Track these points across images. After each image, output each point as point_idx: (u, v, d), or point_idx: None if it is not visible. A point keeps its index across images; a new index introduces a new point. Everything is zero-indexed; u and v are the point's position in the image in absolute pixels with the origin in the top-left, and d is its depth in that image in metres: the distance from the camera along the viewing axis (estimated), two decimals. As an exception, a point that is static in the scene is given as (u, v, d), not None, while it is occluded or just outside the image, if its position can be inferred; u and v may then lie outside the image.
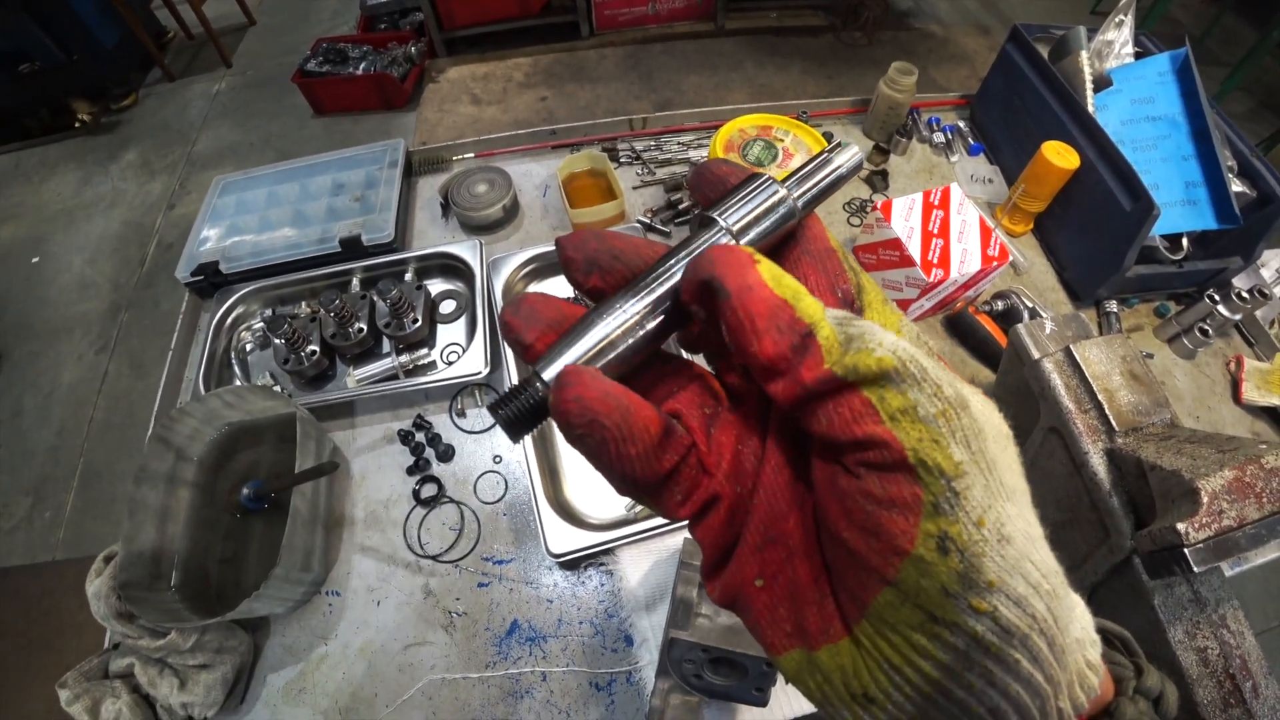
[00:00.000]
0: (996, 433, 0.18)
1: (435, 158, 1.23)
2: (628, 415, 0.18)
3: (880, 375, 0.16)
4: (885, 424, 0.16)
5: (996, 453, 0.17)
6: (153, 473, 0.83)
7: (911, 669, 0.16)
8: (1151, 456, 0.67)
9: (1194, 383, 1.02)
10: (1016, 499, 0.17)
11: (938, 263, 0.96)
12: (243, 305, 1.05)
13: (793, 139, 1.05)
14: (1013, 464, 0.18)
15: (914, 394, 0.16)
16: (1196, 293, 1.09)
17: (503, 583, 0.83)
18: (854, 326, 0.18)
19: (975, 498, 0.16)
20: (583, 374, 0.18)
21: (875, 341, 0.17)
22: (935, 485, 0.16)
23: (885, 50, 3.23)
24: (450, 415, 0.96)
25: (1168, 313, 1.09)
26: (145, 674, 0.74)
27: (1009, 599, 0.15)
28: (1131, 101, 1.13)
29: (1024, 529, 0.16)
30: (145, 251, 2.54)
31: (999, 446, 0.17)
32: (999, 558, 0.15)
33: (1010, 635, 0.15)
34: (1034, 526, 0.17)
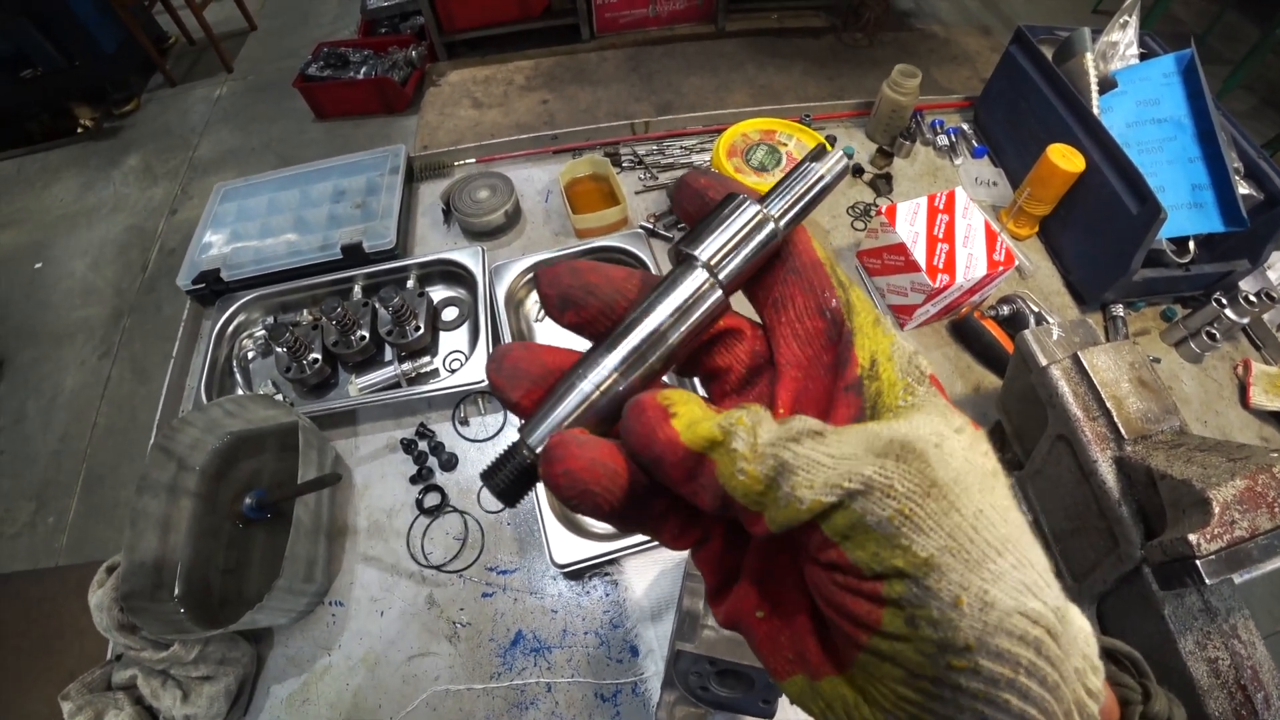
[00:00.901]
0: (980, 477, 0.17)
1: (437, 163, 1.22)
2: (616, 477, 0.19)
3: (818, 516, 0.16)
4: (839, 545, 0.16)
5: (981, 503, 0.17)
6: (154, 482, 0.83)
7: (903, 712, 0.16)
8: (1161, 465, 0.66)
9: (1201, 387, 1.01)
10: (1008, 547, 0.16)
11: (943, 268, 0.95)
12: (244, 313, 1.05)
13: (796, 143, 1.04)
14: (1000, 503, 0.17)
15: (859, 505, 0.16)
16: (1203, 296, 1.08)
17: (507, 593, 0.83)
18: (771, 459, 0.17)
19: (951, 580, 0.16)
20: (568, 444, 0.19)
21: (804, 484, 0.16)
22: (897, 586, 0.16)
23: (886, 51, 3.22)
24: (453, 423, 0.95)
25: (1174, 316, 1.08)
26: (148, 685, 0.74)
27: (990, 654, 0.15)
28: (1137, 103, 1.12)
29: (1014, 581, 0.16)
30: (147, 257, 2.54)
31: (984, 492, 0.17)
32: (978, 625, 0.15)
33: (995, 682, 0.15)
34: (1027, 568, 0.17)
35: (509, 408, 0.22)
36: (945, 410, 0.19)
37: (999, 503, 0.17)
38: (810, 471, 0.16)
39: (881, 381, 0.20)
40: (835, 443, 0.17)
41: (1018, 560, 0.16)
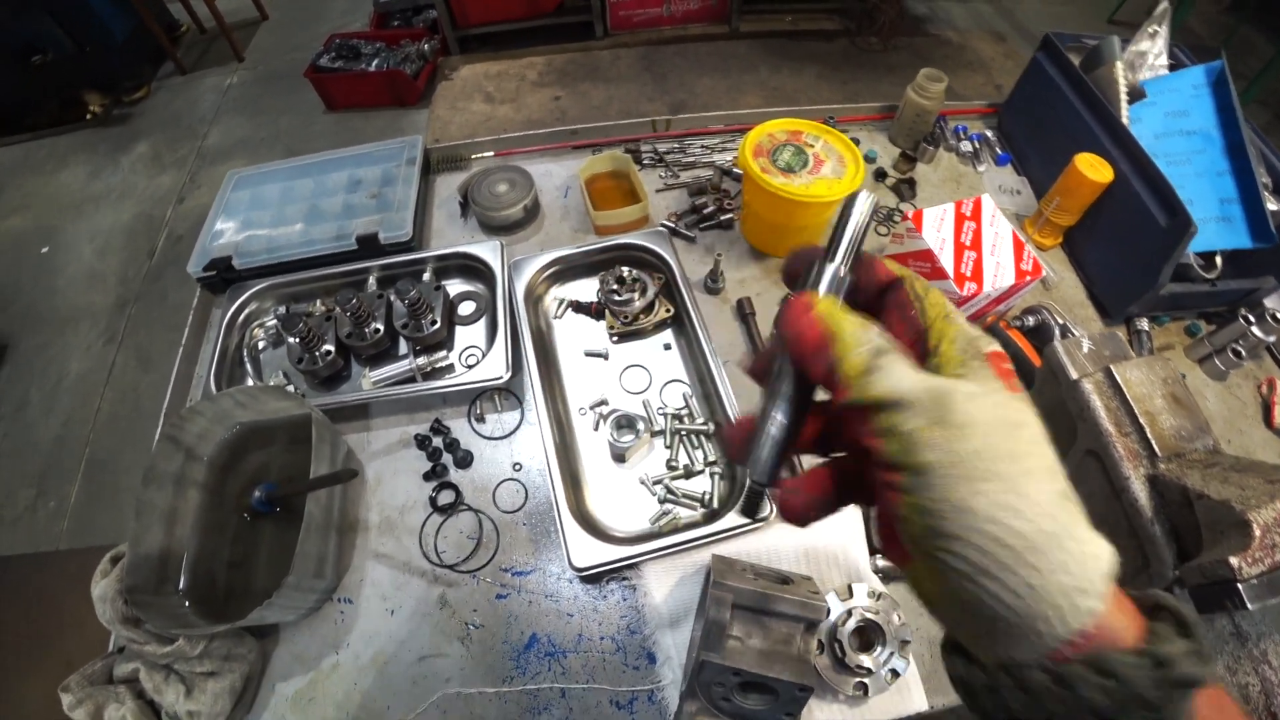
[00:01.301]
0: (1001, 426, 0.24)
1: (454, 156, 1.20)
2: (826, 499, 0.31)
3: (878, 402, 0.25)
4: (875, 436, 0.25)
5: (987, 443, 0.24)
6: (161, 473, 0.81)
7: (931, 582, 0.26)
8: (1198, 484, 0.64)
9: (1225, 405, 0.99)
10: (999, 477, 0.23)
11: (971, 276, 0.93)
12: (256, 302, 1.03)
13: (823, 144, 1.02)
14: (1018, 448, 0.24)
15: (896, 416, 0.25)
16: (1228, 312, 1.06)
17: (521, 595, 0.81)
18: (876, 361, 0.26)
19: (938, 483, 0.24)
20: (788, 498, 0.31)
21: (878, 382, 0.25)
22: (904, 478, 0.24)
23: (900, 56, 3.21)
24: (469, 420, 0.93)
25: (1198, 332, 1.06)
26: (150, 680, 0.72)
27: (968, 545, 0.23)
28: (1165, 114, 1.10)
29: (999, 501, 0.23)
30: (154, 244, 2.53)
31: (999, 437, 0.24)
32: (958, 522, 0.23)
33: (975, 567, 0.23)
34: (1017, 496, 0.23)
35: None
36: (988, 378, 0.26)
37: (1016, 448, 0.24)
38: (882, 375, 0.25)
39: (942, 358, 0.28)
40: (906, 374, 0.25)
41: (1008, 489, 0.23)
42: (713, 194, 1.15)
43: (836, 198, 0.95)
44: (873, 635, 0.71)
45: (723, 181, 1.18)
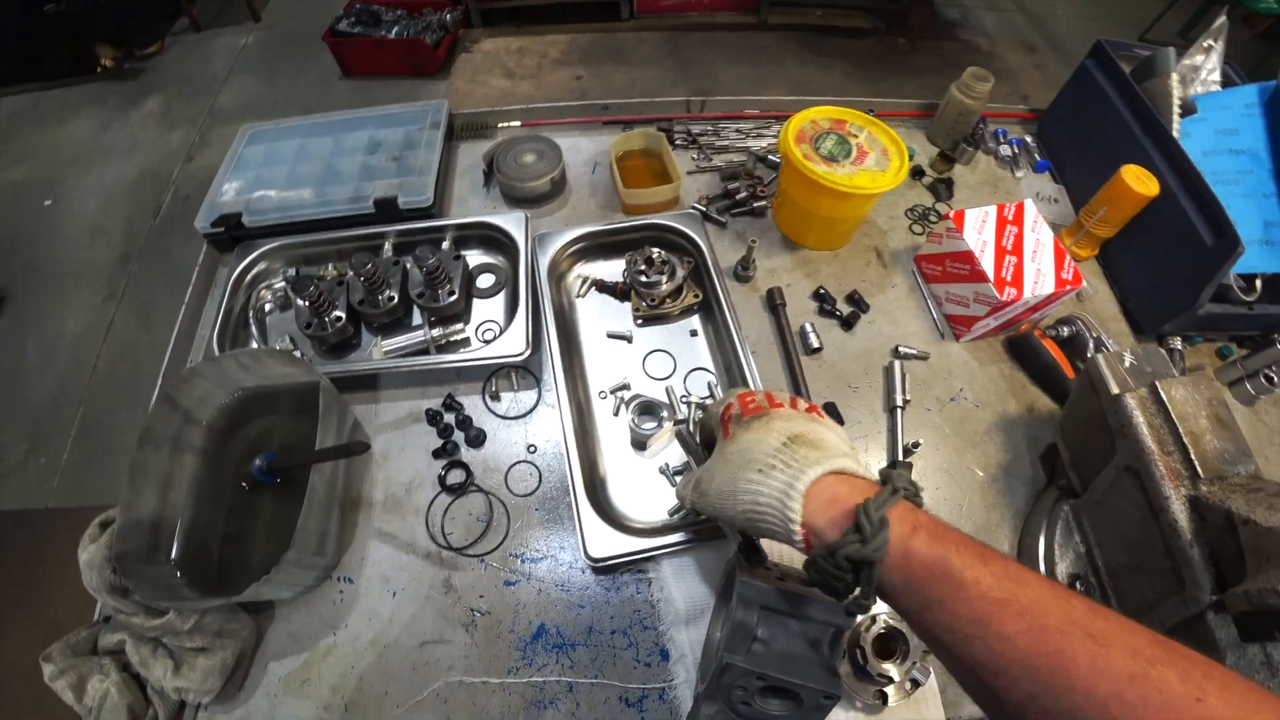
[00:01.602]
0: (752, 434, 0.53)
1: (479, 123, 1.16)
2: None
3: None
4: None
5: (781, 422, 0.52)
6: (158, 435, 0.77)
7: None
8: (1242, 509, 0.61)
9: (1251, 430, 0.95)
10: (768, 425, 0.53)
11: (1011, 281, 0.90)
12: (265, 262, 0.99)
13: (867, 135, 0.97)
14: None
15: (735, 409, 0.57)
16: (1260, 337, 1.03)
17: (531, 583, 0.77)
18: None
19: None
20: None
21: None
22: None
23: (928, 59, 3.15)
24: (483, 398, 0.89)
25: (1230, 355, 1.03)
26: (137, 653, 0.68)
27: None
28: (1215, 132, 1.06)
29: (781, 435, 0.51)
30: (160, 202, 2.48)
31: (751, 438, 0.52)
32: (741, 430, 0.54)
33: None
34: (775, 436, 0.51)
35: None
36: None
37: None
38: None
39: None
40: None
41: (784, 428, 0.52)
42: (745, 180, 1.10)
43: (880, 190, 0.91)
44: (895, 643, 0.69)
45: (756, 168, 1.14)
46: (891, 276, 1.05)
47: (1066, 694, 0.34)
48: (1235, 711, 0.32)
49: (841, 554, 0.42)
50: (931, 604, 0.40)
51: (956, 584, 0.39)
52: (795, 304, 0.98)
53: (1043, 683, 0.35)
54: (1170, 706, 0.32)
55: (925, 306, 1.02)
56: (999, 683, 0.37)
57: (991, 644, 0.37)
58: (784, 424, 0.51)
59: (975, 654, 0.38)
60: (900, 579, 0.41)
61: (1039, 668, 0.35)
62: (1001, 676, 0.37)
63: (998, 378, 0.96)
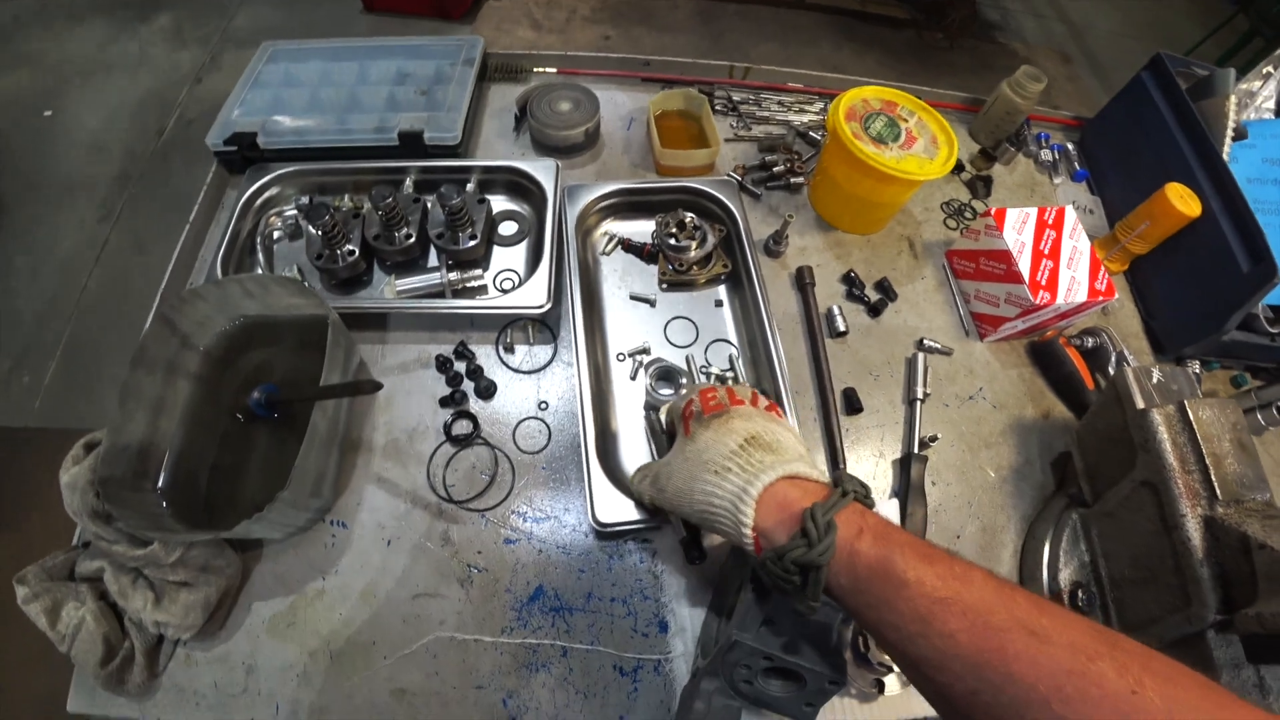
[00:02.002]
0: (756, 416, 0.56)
1: (514, 66, 1.10)
2: None
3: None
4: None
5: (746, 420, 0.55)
6: (152, 357, 0.72)
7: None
8: (1259, 534, 0.61)
9: None
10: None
11: (1045, 285, 0.88)
12: (277, 187, 0.94)
13: (917, 121, 0.94)
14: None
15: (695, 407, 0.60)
16: (1276, 369, 1.03)
17: (532, 543, 0.74)
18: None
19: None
20: None
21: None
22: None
23: (963, 58, 3.09)
24: (496, 348, 0.86)
25: (1244, 384, 1.02)
26: (116, 582, 0.65)
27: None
28: (1262, 160, 1.04)
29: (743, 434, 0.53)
30: (164, 123, 2.40)
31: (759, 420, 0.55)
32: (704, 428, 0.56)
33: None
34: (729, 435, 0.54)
35: None
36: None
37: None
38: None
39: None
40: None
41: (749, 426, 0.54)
42: (784, 154, 1.06)
43: (927, 177, 0.88)
44: None
45: (795, 143, 1.10)
46: (922, 268, 1.02)
47: (1007, 689, 0.35)
48: (1171, 703, 0.33)
49: (789, 558, 0.44)
50: (877, 604, 0.41)
51: (900, 583, 0.40)
52: (824, 285, 0.96)
53: (985, 678, 0.36)
54: (1107, 699, 0.33)
55: (953, 302, 0.99)
56: (943, 678, 0.39)
57: (934, 641, 0.38)
58: (743, 424, 0.53)
59: (920, 651, 0.39)
60: (847, 580, 0.43)
61: (981, 664, 0.37)
62: (945, 672, 0.38)
63: (1018, 381, 0.94)
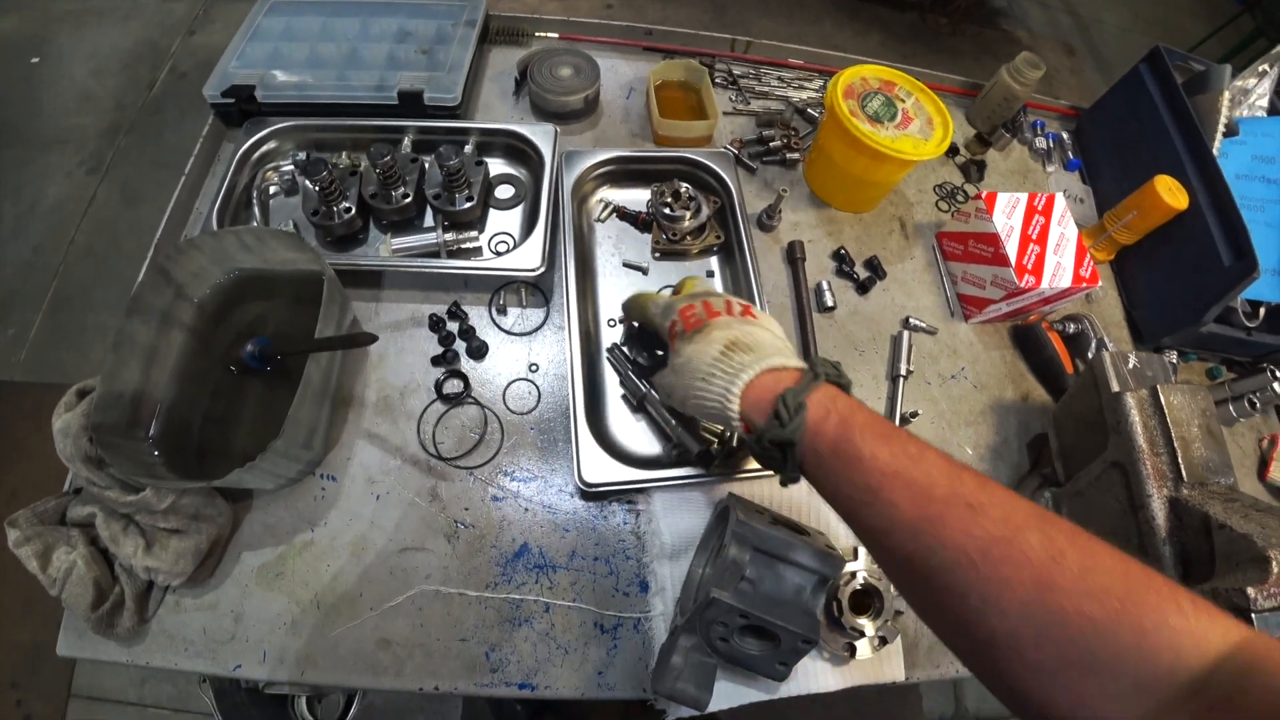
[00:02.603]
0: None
1: (515, 29, 1.10)
2: None
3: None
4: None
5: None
6: (146, 306, 0.73)
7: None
8: (1220, 515, 0.65)
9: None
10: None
11: (1031, 269, 0.90)
12: (274, 141, 0.93)
13: (914, 102, 0.95)
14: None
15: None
16: (1251, 363, 1.05)
17: (518, 501, 0.76)
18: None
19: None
20: None
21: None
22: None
23: (966, 43, 3.08)
24: (489, 310, 0.86)
25: (1219, 375, 1.05)
26: (107, 528, 0.66)
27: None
28: (1252, 157, 1.06)
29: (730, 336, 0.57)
30: (156, 75, 2.35)
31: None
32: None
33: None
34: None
35: None
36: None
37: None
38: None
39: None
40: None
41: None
42: (781, 129, 1.07)
43: (921, 158, 0.89)
44: (871, 599, 0.71)
45: (793, 119, 1.11)
46: (912, 248, 1.04)
47: (940, 553, 0.40)
48: (1086, 567, 0.36)
49: (766, 438, 0.49)
50: (834, 476, 0.46)
51: (855, 457, 0.45)
52: (814, 261, 0.97)
53: (922, 543, 0.41)
54: (1029, 563, 0.37)
55: (940, 283, 1.01)
56: (887, 541, 0.44)
57: (881, 509, 0.43)
58: (721, 333, 0.57)
59: (869, 519, 0.44)
60: (812, 457, 0.48)
61: (919, 530, 0.41)
62: (888, 536, 0.43)
63: (999, 363, 0.97)
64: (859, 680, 0.71)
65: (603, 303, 0.88)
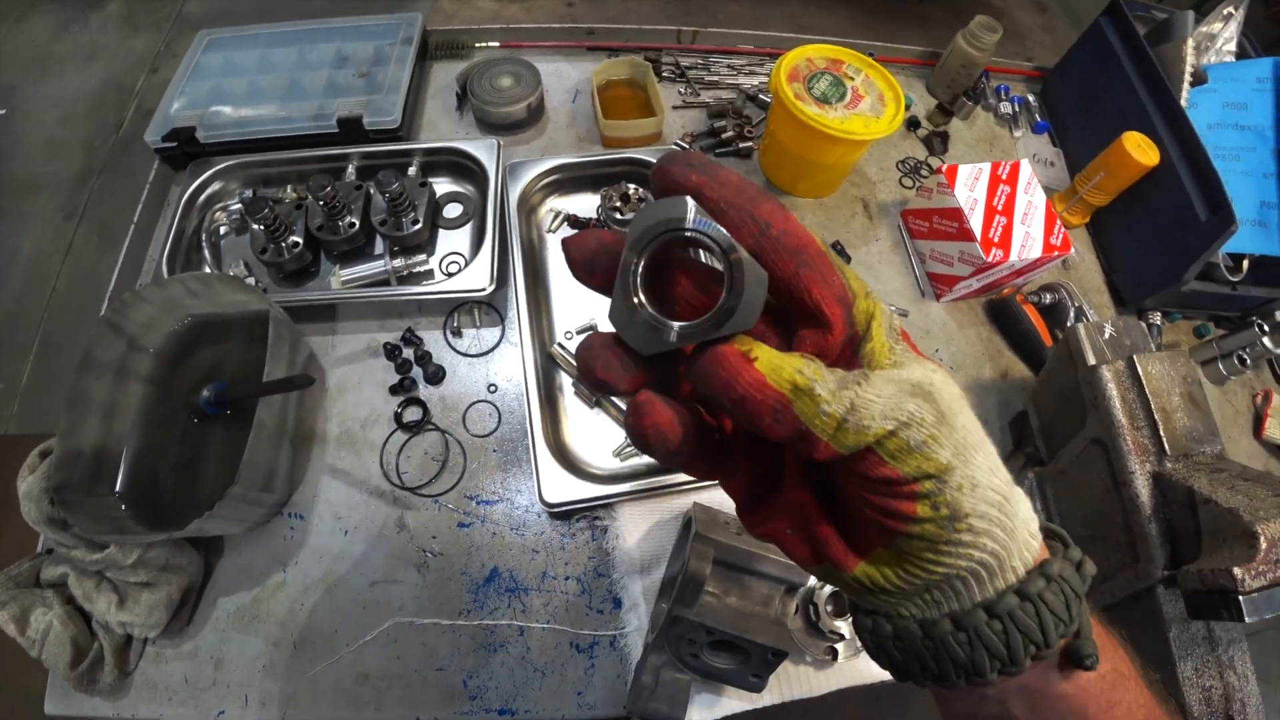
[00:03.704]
0: (957, 402, 0.23)
1: (455, 42, 1.08)
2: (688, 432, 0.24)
3: (878, 439, 0.21)
4: (889, 464, 0.21)
5: (963, 420, 0.23)
6: (99, 362, 0.73)
7: (927, 570, 0.23)
8: (1205, 488, 0.62)
9: (1218, 410, 0.96)
10: (980, 447, 0.23)
11: (998, 242, 0.88)
12: (220, 181, 0.93)
13: (864, 79, 0.92)
14: (970, 418, 0.23)
15: (905, 435, 0.21)
16: (1239, 318, 1.03)
17: (486, 525, 0.75)
18: (848, 400, 0.21)
19: (956, 475, 0.22)
20: (654, 401, 0.23)
21: (868, 417, 0.21)
22: (928, 485, 0.22)
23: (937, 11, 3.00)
24: (444, 333, 0.86)
25: (1207, 334, 1.03)
26: (80, 586, 0.66)
27: (978, 516, 0.22)
28: (1223, 105, 1.02)
29: (985, 468, 0.23)
30: (123, 115, 2.34)
31: (961, 413, 0.23)
32: (971, 499, 0.22)
33: (980, 534, 0.22)
34: (990, 457, 0.23)
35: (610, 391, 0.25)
36: (920, 360, 0.24)
37: (970, 418, 0.23)
38: (869, 409, 0.21)
39: (875, 342, 0.24)
40: (877, 387, 0.21)
41: (984, 455, 0.23)
42: (733, 118, 1.05)
43: (873, 136, 0.86)
44: (848, 601, 0.69)
45: (745, 107, 1.09)
46: (877, 229, 1.02)
47: None
48: None
49: (1047, 575, 0.24)
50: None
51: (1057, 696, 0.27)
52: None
53: None
54: None
55: (909, 263, 0.99)
56: None
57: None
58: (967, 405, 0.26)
59: None
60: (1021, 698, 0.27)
61: None
62: None
63: (975, 341, 0.95)
64: (846, 682, 0.70)
65: (557, 316, 0.87)
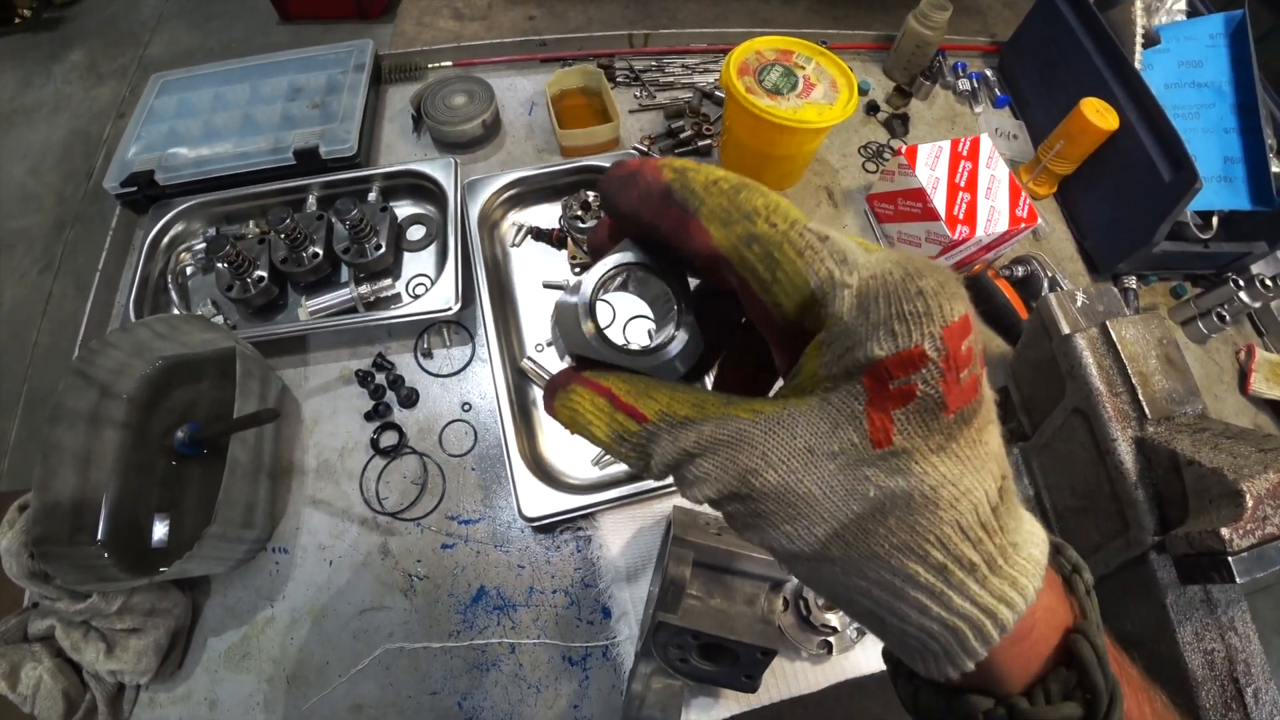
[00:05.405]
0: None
1: (408, 64, 1.08)
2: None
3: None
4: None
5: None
6: (70, 411, 0.72)
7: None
8: (1188, 450, 0.61)
9: (1202, 369, 0.97)
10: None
11: (963, 219, 0.88)
12: (182, 222, 0.92)
13: (815, 67, 0.92)
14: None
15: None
16: (1215, 275, 1.03)
17: (469, 545, 0.75)
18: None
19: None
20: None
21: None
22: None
23: (898, -10, 3.03)
24: (415, 355, 0.85)
25: (1184, 294, 1.03)
26: (68, 638, 0.66)
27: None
28: (1179, 64, 1.03)
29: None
30: (92, 163, 2.34)
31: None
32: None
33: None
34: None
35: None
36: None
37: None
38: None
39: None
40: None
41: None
42: (691, 118, 1.05)
43: (827, 124, 0.87)
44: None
45: (702, 105, 1.09)
46: (843, 216, 1.02)
47: None
48: None
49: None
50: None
51: None
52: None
53: None
54: None
55: (878, 247, 0.99)
56: None
57: None
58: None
59: None
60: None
61: None
62: None
63: (951, 318, 0.95)
64: (843, 676, 0.70)
65: (526, 329, 0.87)
